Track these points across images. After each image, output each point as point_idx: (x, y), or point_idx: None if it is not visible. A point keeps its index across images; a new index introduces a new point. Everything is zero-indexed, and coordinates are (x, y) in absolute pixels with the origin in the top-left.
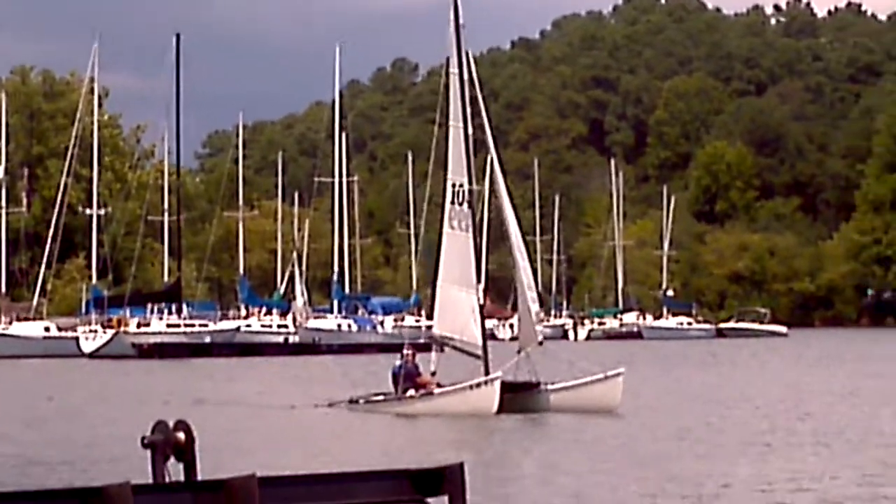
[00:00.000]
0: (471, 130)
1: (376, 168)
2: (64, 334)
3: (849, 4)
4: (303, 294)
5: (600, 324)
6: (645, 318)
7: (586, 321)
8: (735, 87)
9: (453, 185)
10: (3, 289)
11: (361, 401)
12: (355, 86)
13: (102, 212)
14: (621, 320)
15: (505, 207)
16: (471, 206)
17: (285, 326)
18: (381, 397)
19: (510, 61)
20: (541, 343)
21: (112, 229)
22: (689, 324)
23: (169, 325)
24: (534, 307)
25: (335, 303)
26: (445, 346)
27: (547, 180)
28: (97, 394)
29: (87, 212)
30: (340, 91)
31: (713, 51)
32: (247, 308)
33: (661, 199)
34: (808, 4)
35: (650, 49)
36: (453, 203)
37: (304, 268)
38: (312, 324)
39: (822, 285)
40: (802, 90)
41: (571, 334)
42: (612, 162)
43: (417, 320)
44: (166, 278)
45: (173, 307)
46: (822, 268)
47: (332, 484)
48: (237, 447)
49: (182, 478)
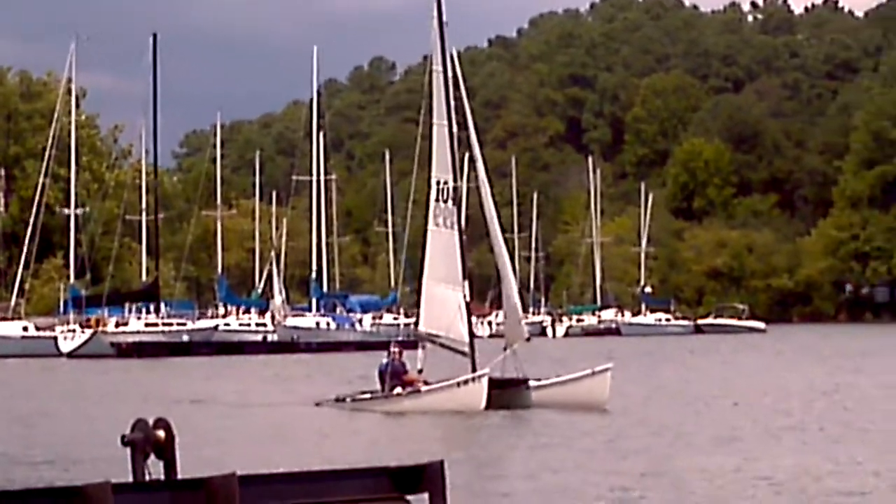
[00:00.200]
0: (455, 128)
1: (354, 167)
2: (42, 334)
3: (825, 1)
4: (281, 292)
5: (578, 321)
6: (623, 315)
7: (564, 318)
8: (712, 84)
9: (438, 183)
10: None
11: (348, 399)
12: (333, 85)
13: (80, 211)
14: (599, 317)
15: (487, 205)
16: (456, 203)
17: (264, 325)
18: (367, 395)
19: (487, 59)
20: (528, 339)
21: (90, 229)
22: (668, 320)
23: (147, 325)
24: (519, 303)
25: (313, 301)
26: (432, 343)
27: (524, 178)
28: (76, 393)
29: (65, 212)
30: (318, 90)
31: (690, 48)
32: (225, 307)
33: (639, 196)
34: (784, 1)
35: (627, 47)
36: (438, 200)
37: (283, 266)
38: (291, 322)
39: (800, 281)
40: (780, 87)
41: (550, 331)
42: (590, 159)
43: (396, 318)
44: (144, 278)
45: (151, 306)
46: (799, 264)
47: (312, 482)
48: (218, 446)
49: (162, 476)
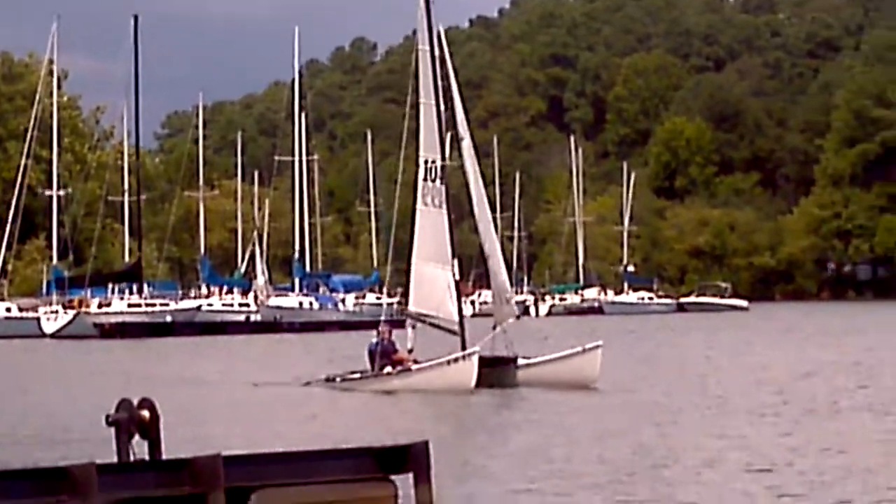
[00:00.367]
0: (443, 106)
1: (336, 147)
2: (25, 315)
3: None
4: (264, 273)
5: (561, 299)
6: (606, 294)
7: (547, 297)
8: (694, 63)
9: (426, 162)
10: None
11: (338, 379)
12: (314, 65)
13: (62, 193)
14: (582, 296)
15: (475, 184)
16: (444, 182)
17: (247, 305)
18: (357, 375)
19: (469, 39)
20: (518, 317)
21: (72, 210)
22: (650, 299)
23: (130, 305)
24: (508, 282)
25: (296, 281)
26: (422, 322)
27: (507, 158)
28: (59, 374)
29: (47, 193)
30: (299, 71)
31: (672, 27)
32: (208, 287)
33: (621, 175)
34: None
35: (609, 26)
36: (426, 179)
37: (265, 247)
38: (274, 302)
39: (783, 259)
40: (761, 66)
41: (532, 310)
42: (572, 139)
43: (378, 298)
44: (127, 258)
45: (134, 287)
46: (782, 242)
47: (297, 462)
48: (203, 426)
49: (146, 456)
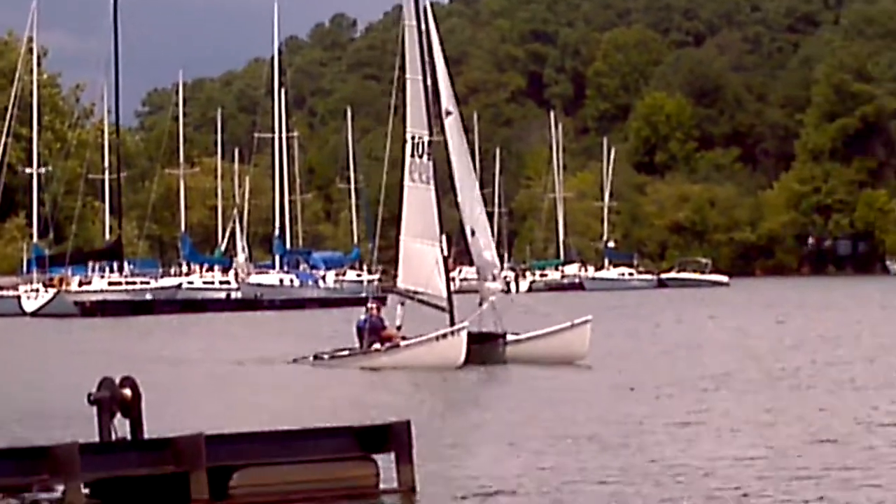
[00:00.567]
0: (430, 82)
1: (316, 124)
2: (5, 293)
3: None
4: (244, 250)
5: (542, 276)
6: (586, 270)
7: (528, 273)
8: (673, 38)
9: (413, 138)
10: None
11: (326, 356)
12: (294, 42)
13: (43, 171)
14: (563, 272)
15: (462, 159)
16: (431, 158)
17: (227, 283)
18: (346, 352)
19: (448, 16)
20: (507, 291)
21: (52, 188)
22: (631, 274)
23: (111, 283)
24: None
25: (277, 258)
26: (410, 299)
27: (487, 134)
28: (40, 352)
29: (27, 171)
30: (279, 47)
31: (651, 2)
32: (188, 265)
33: (601, 150)
34: None
35: (588, 2)
36: (413, 156)
37: (246, 224)
38: (254, 279)
39: (763, 235)
40: (741, 41)
41: (513, 286)
42: (552, 114)
43: (359, 274)
44: (107, 236)
45: (115, 265)
46: (762, 217)
47: (279, 442)
48: (186, 405)
49: (128, 434)
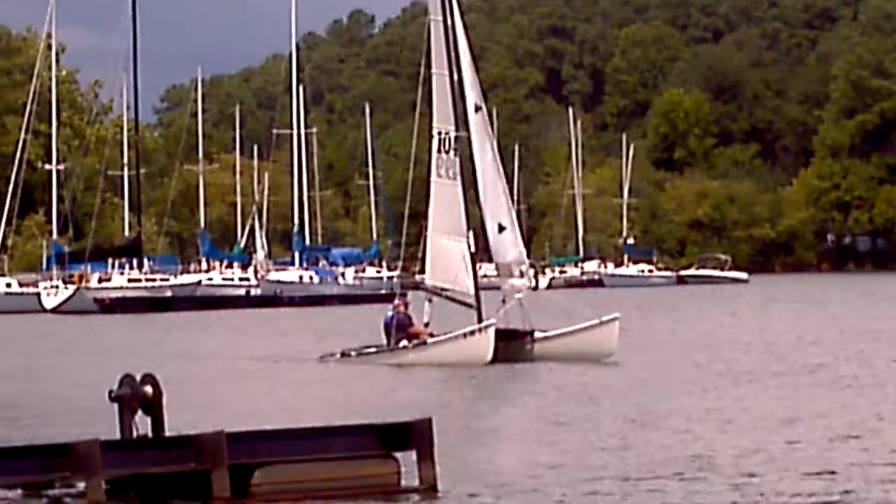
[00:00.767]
0: (456, 77)
1: (334, 120)
2: (25, 290)
3: None
4: (263, 247)
5: (561, 272)
6: (606, 266)
7: (547, 270)
8: (692, 34)
9: (439, 133)
10: None
11: (353, 353)
12: (312, 38)
13: (62, 167)
14: (582, 268)
15: (490, 154)
16: (457, 154)
17: (247, 279)
18: (373, 349)
19: (467, 11)
20: (535, 288)
21: (71, 185)
22: (650, 271)
23: (130, 280)
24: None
25: (296, 255)
26: (438, 296)
27: (505, 130)
28: (60, 349)
29: (47, 167)
30: (297, 44)
31: None
32: (208, 261)
33: (620, 147)
34: None
35: None
36: (440, 151)
37: (265, 220)
38: (274, 276)
39: (782, 231)
40: (759, 37)
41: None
42: (570, 111)
43: (378, 271)
44: (127, 233)
45: (134, 262)
46: (781, 214)
47: (301, 439)
48: (208, 402)
49: (150, 432)
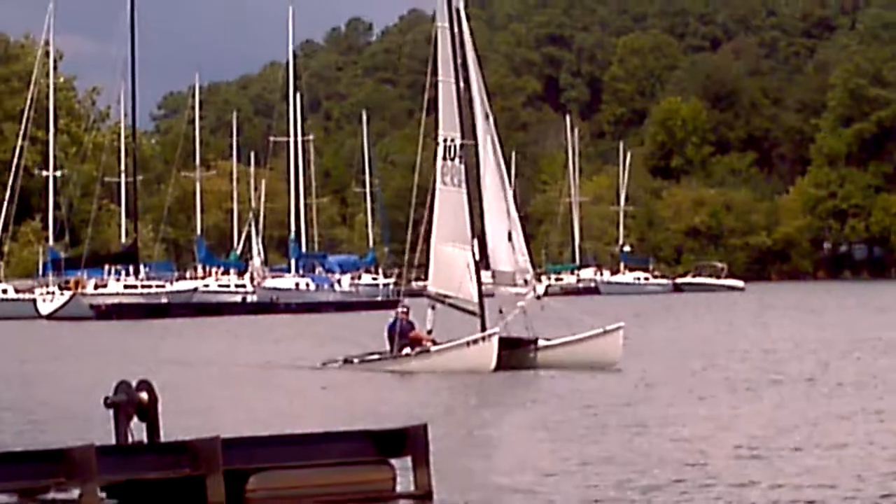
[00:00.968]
0: (462, 84)
1: (331, 127)
2: (21, 296)
3: None
4: (260, 253)
5: (557, 279)
6: (602, 274)
7: (543, 277)
8: (689, 42)
9: (445, 141)
10: None
11: (356, 360)
12: (310, 46)
13: (58, 174)
14: (578, 276)
15: (495, 162)
16: (463, 161)
17: (243, 286)
18: (376, 356)
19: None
20: (539, 298)
21: (68, 191)
22: (647, 279)
23: (126, 286)
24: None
25: (292, 262)
26: (441, 303)
27: (502, 138)
28: (56, 355)
29: (44, 174)
30: (295, 51)
31: (667, 7)
32: (204, 268)
33: (617, 155)
34: None
35: (604, 6)
36: (445, 159)
37: (261, 227)
38: (270, 283)
39: (779, 239)
40: (757, 45)
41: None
42: (568, 119)
43: (374, 278)
44: (123, 239)
45: (130, 268)
46: (778, 222)
47: (296, 445)
48: (206, 408)
49: (145, 437)
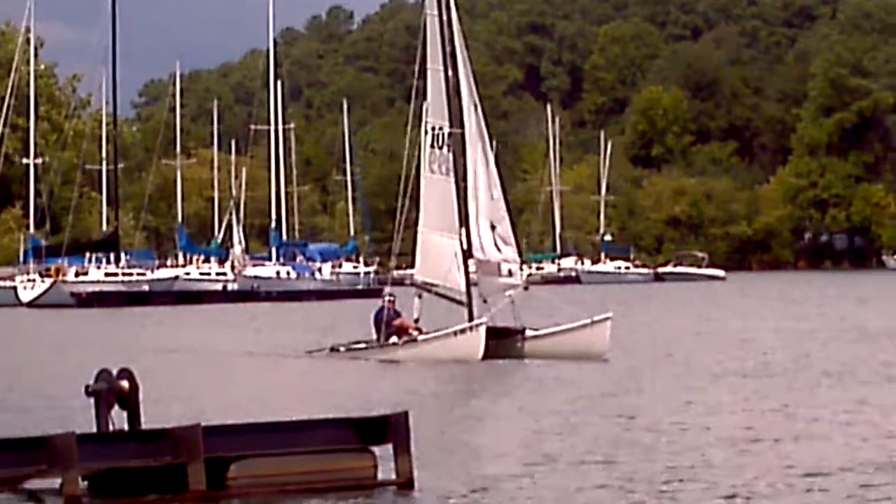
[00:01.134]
0: (451, 73)
1: (312, 116)
2: (2, 284)
3: None
4: (240, 242)
5: (538, 269)
6: (583, 263)
7: (524, 266)
8: (670, 31)
9: (433, 129)
10: None
11: (342, 349)
12: (290, 34)
13: (39, 161)
14: (559, 265)
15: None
16: (451, 150)
17: (224, 274)
18: (363, 345)
19: None
20: (526, 288)
21: (49, 179)
22: (627, 268)
23: (107, 274)
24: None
25: (273, 250)
26: (428, 292)
27: None
28: (36, 343)
29: (24, 161)
30: (275, 39)
31: None
32: (185, 256)
33: (598, 144)
34: None
35: None
36: (433, 147)
37: (242, 215)
38: (251, 271)
39: (759, 229)
40: (738, 35)
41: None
42: (549, 107)
43: (355, 266)
44: (104, 227)
45: (111, 256)
46: (758, 211)
47: (277, 433)
48: (188, 396)
49: (126, 425)
